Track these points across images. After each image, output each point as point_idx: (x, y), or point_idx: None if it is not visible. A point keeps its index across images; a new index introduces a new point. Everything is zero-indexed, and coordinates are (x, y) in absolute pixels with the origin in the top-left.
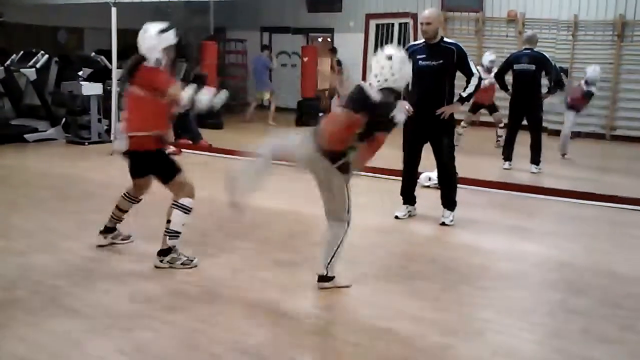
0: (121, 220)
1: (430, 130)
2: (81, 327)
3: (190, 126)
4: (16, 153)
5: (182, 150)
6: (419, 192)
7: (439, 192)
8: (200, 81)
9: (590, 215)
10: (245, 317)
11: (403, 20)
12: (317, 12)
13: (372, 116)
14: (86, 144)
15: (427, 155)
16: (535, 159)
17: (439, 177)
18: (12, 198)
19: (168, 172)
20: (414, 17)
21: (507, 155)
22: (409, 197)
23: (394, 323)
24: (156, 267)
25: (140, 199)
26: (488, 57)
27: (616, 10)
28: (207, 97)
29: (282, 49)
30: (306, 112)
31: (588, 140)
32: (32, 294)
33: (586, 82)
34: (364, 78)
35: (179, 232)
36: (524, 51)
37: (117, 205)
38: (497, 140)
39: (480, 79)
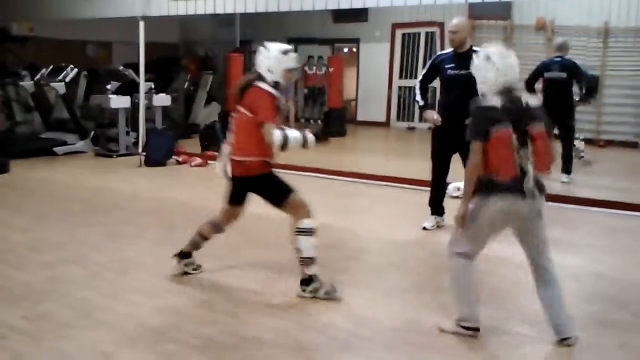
0: (199, 248)
1: (460, 140)
2: (110, 339)
3: (218, 137)
4: (45, 166)
5: (209, 162)
6: (447, 202)
7: None
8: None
9: (627, 226)
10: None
11: (430, 30)
12: (343, 22)
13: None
14: (114, 156)
15: (456, 166)
16: (567, 169)
17: None
18: (42, 210)
19: (280, 194)
20: (441, 26)
21: None
22: (437, 208)
23: (423, 337)
24: (300, 297)
25: (224, 230)
26: None
27: None
28: (297, 139)
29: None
30: (333, 123)
31: (620, 149)
32: (62, 307)
33: None
34: (390, 87)
35: (313, 257)
36: (555, 59)
37: (200, 231)
38: (581, 157)
39: None
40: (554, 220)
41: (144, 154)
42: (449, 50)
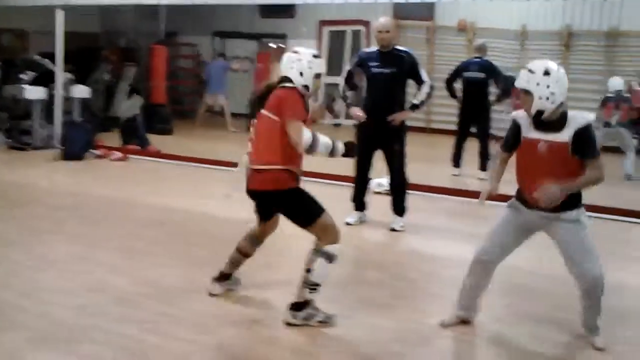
0: (239, 267)
1: (382, 137)
2: (24, 338)
3: (139, 131)
4: None
5: (130, 156)
6: (369, 198)
7: (389, 198)
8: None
9: None
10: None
11: (356, 28)
12: (270, 17)
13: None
14: (28, 149)
15: (378, 161)
16: (484, 166)
17: (390, 183)
18: None
19: (308, 213)
20: (367, 24)
21: (456, 162)
22: (360, 203)
23: (343, 330)
24: (288, 323)
25: (262, 242)
26: None
27: (563, 21)
28: (327, 144)
29: (235, 54)
30: None
31: None
32: None
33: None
34: None
35: (320, 285)
36: (474, 59)
37: (238, 248)
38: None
39: (431, 86)
40: (468, 215)
41: (61, 147)
42: (373, 48)
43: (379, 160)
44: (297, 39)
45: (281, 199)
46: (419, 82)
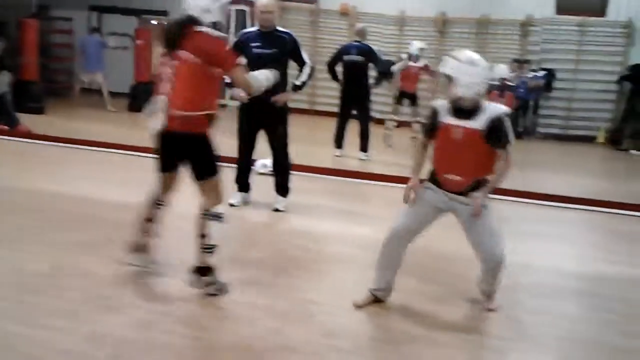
0: (150, 234)
1: (265, 118)
2: None
3: (7, 109)
4: None
5: None
6: (253, 179)
7: (272, 179)
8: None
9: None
10: None
11: (240, 7)
12: None
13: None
14: None
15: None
16: (364, 147)
17: (273, 164)
18: None
19: (214, 165)
20: (251, 4)
21: (338, 144)
22: (243, 184)
23: (226, 311)
24: (193, 287)
25: (167, 203)
26: (416, 45)
27: (438, 8)
28: (268, 77)
29: (112, 30)
30: (140, 97)
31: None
32: None
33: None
34: None
35: (217, 245)
36: (354, 43)
37: (143, 215)
38: (413, 137)
39: (312, 68)
40: (350, 195)
41: None
42: (254, 28)
43: (262, 142)
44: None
45: (198, 142)
46: (301, 63)
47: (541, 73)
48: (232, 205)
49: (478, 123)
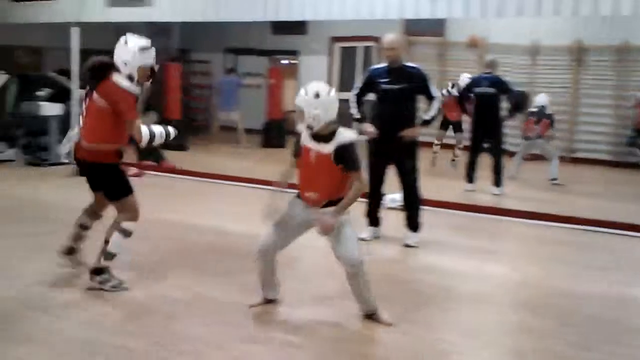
0: (82, 238)
1: (394, 152)
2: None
3: (154, 147)
4: None
5: (146, 172)
6: (383, 214)
7: (403, 213)
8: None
9: (550, 236)
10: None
11: (367, 44)
12: (282, 34)
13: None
14: (45, 165)
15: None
16: (497, 181)
17: (403, 199)
18: None
19: (119, 189)
20: (378, 40)
21: (470, 178)
22: (373, 219)
23: (357, 345)
24: (88, 288)
25: (101, 216)
26: (465, 78)
27: (574, 36)
28: (162, 133)
29: (247, 70)
30: (272, 133)
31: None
32: None
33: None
34: None
35: (116, 255)
36: (484, 75)
37: (78, 223)
38: (453, 160)
39: (442, 102)
40: (482, 231)
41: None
42: (382, 64)
43: (392, 176)
44: (308, 55)
45: (101, 170)
46: (429, 97)
47: None
48: (362, 239)
49: (328, 148)
